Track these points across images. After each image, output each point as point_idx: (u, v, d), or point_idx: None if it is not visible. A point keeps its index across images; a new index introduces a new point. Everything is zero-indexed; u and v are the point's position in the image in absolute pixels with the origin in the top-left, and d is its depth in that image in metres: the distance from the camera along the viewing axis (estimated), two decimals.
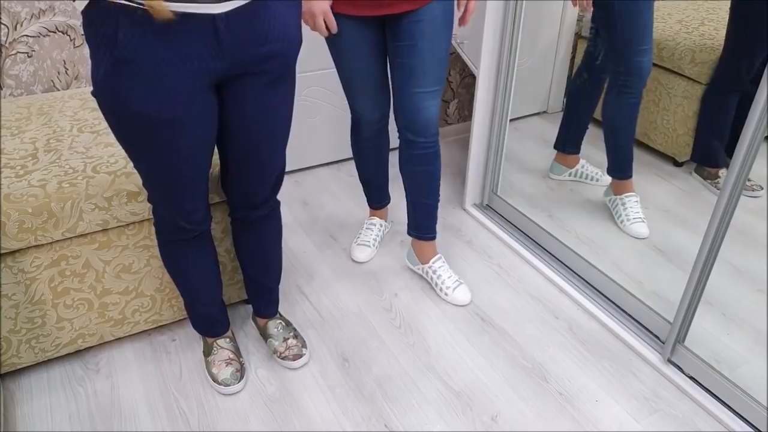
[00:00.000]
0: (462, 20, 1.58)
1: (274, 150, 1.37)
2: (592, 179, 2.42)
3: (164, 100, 1.13)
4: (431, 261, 1.96)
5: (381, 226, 2.16)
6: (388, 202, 2.15)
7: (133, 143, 1.23)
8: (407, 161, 1.80)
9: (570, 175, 2.43)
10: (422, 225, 1.92)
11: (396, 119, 1.75)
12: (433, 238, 1.94)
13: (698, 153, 2.43)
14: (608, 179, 2.28)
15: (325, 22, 1.53)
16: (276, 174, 1.44)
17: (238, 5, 1.10)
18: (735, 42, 2.16)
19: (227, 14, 1.10)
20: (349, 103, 1.83)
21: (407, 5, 1.55)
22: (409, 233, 1.97)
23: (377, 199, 2.11)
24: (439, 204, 1.95)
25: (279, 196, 1.64)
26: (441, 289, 1.93)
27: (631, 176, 2.20)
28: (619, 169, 2.19)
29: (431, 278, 1.96)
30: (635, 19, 1.89)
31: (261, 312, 1.73)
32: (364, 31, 1.62)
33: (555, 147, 2.41)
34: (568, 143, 2.37)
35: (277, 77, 1.25)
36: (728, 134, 2.33)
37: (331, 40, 1.65)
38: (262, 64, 1.21)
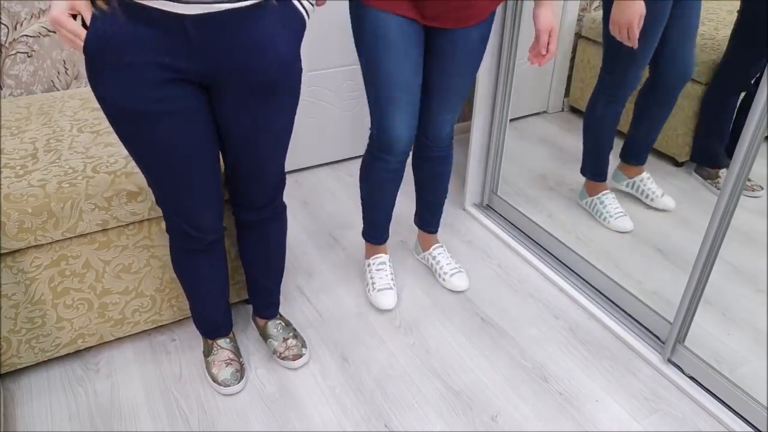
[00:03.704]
0: (539, 59, 1.47)
1: (268, 160, 1.36)
2: (647, 197, 2.28)
3: (130, 90, 1.14)
4: (431, 248, 2.02)
5: (390, 262, 1.97)
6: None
7: (121, 135, 1.24)
8: (420, 161, 1.83)
9: (627, 185, 2.30)
10: (426, 219, 1.98)
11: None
12: (435, 231, 2.01)
13: (698, 153, 2.43)
14: (666, 203, 2.25)
15: None
16: (274, 181, 1.44)
17: (209, 12, 1.09)
18: (741, 42, 2.16)
19: (197, 17, 1.09)
20: (376, 119, 1.60)
21: (463, 21, 1.47)
22: (414, 221, 2.03)
23: (383, 233, 1.92)
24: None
25: None
26: (439, 275, 1.98)
27: (606, 179, 2.21)
28: (598, 173, 2.20)
29: (431, 264, 2.02)
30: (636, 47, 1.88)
31: (261, 313, 1.73)
32: (413, 31, 1.48)
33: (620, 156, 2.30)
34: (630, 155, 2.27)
35: (265, 92, 1.23)
36: (728, 134, 2.33)
37: (373, 30, 1.46)
38: (238, 76, 1.19)
